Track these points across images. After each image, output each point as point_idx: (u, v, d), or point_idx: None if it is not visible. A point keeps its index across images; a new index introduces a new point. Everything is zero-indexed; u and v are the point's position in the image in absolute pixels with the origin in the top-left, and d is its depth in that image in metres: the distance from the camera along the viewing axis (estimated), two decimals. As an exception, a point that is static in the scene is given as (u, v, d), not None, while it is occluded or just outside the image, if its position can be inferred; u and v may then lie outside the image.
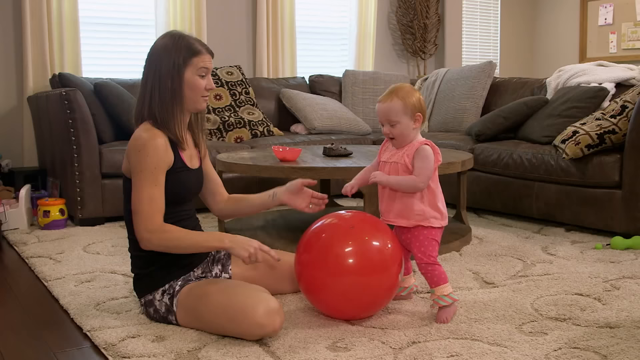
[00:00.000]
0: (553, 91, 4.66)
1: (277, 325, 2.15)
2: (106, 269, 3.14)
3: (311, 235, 2.36)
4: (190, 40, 2.35)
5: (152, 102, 2.33)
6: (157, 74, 2.32)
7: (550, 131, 4.05)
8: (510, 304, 2.53)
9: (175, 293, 2.32)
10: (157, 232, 2.24)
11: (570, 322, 2.33)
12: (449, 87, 5.44)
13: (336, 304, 2.31)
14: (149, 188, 2.25)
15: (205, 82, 2.37)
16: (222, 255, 2.60)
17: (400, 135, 2.35)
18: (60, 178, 4.39)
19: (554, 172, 3.82)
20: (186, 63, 2.32)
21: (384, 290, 2.31)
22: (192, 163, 2.46)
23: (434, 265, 2.35)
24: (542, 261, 3.18)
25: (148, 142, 2.26)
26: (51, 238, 3.84)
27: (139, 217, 2.26)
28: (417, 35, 6.85)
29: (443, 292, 2.34)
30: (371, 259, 2.26)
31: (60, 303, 2.65)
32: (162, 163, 2.28)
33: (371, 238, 2.30)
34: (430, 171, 2.32)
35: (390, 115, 2.34)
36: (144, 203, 2.25)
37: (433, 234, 2.37)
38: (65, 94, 4.12)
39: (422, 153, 2.33)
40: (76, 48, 5.07)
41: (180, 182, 2.36)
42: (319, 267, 2.28)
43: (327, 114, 5.35)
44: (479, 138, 4.48)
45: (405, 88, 2.36)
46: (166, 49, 2.32)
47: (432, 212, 2.37)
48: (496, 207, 4.26)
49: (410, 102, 2.33)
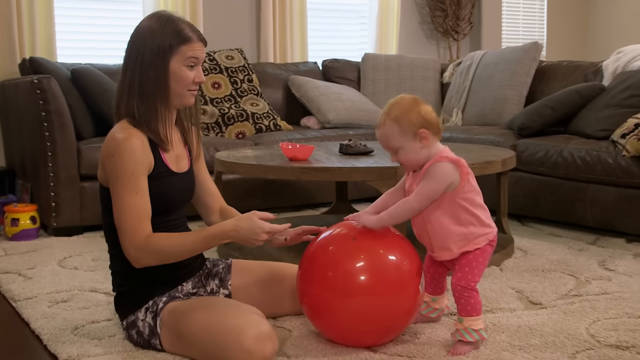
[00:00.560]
0: (611, 76, 4.63)
1: (268, 354, 2.14)
2: (85, 287, 3.14)
3: (317, 247, 2.35)
4: (181, 25, 2.33)
5: (131, 95, 2.33)
6: (139, 61, 2.31)
7: (608, 124, 4.02)
8: (562, 329, 2.51)
9: (158, 311, 2.31)
10: (144, 247, 2.24)
11: (634, 351, 2.31)
12: (486, 73, 5.42)
13: (345, 328, 2.30)
14: (129, 197, 2.25)
15: (194, 74, 2.36)
16: (221, 268, 2.60)
17: (408, 161, 2.33)
18: (31, 180, 4.40)
19: (613, 173, 3.80)
20: (173, 51, 2.30)
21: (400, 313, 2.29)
22: (179, 166, 2.46)
23: (472, 291, 2.32)
24: (598, 278, 3.16)
25: (122, 145, 2.25)
26: (20, 250, 3.84)
27: (122, 233, 2.26)
28: (449, 12, 6.83)
29: (472, 326, 2.31)
30: (386, 276, 2.25)
31: (31, 327, 2.65)
32: (140, 166, 2.27)
33: (385, 251, 2.28)
34: (432, 191, 2.26)
35: (389, 141, 2.32)
36: (126, 216, 2.24)
37: (483, 256, 2.35)
38: (38, 82, 4.13)
39: (430, 171, 2.28)
40: (50, 27, 5.08)
41: (163, 189, 2.35)
42: (324, 286, 2.26)
43: (343, 105, 5.34)
44: (522, 132, 4.46)
45: (399, 105, 2.31)
46: (151, 33, 2.31)
47: (475, 230, 2.34)
48: (543, 213, 4.23)
49: (407, 120, 2.28)
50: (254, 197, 4.65)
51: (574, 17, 8.04)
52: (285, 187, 4.79)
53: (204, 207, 2.65)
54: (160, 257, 2.27)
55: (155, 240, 2.25)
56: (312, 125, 5.36)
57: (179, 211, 2.50)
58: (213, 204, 2.65)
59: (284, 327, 2.55)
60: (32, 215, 4.15)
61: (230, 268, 2.61)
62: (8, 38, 4.91)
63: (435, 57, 6.97)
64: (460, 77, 5.65)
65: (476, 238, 2.33)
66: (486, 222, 2.37)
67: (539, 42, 5.36)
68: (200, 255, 2.58)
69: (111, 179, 2.27)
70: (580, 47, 8.08)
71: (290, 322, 2.59)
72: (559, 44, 7.93)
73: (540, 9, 7.83)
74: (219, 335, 2.15)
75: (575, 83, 4.86)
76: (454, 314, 2.66)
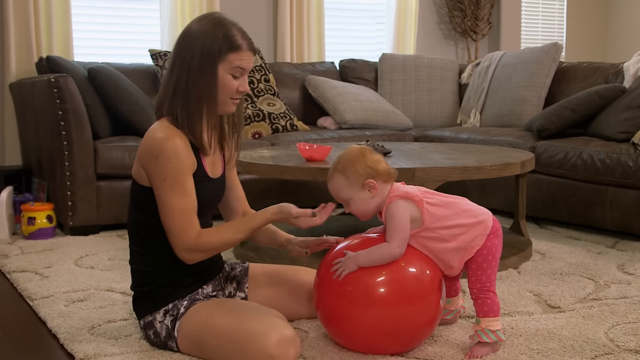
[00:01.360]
0: (632, 78, 4.61)
1: (291, 358, 2.15)
2: (102, 287, 3.16)
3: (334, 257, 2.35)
4: (232, 31, 2.31)
5: (176, 96, 2.31)
6: (187, 62, 2.29)
7: (629, 126, 4.01)
8: (580, 333, 2.51)
9: (179, 315, 2.32)
10: (196, 248, 2.28)
11: (653, 355, 2.31)
12: (505, 74, 5.41)
13: (364, 339, 2.29)
14: (177, 199, 2.25)
15: (238, 84, 2.34)
16: (238, 272, 2.61)
17: (360, 211, 2.34)
18: (48, 179, 4.43)
19: (633, 175, 3.79)
20: (221, 57, 2.28)
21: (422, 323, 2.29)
22: (215, 171, 2.46)
23: (489, 292, 2.33)
24: (618, 281, 3.15)
25: (165, 144, 2.24)
26: (37, 249, 3.87)
27: (172, 235, 2.28)
28: (468, 12, 6.81)
29: (490, 327, 2.31)
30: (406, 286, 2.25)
31: (47, 326, 2.67)
32: (185, 167, 2.27)
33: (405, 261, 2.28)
34: (403, 230, 2.26)
35: (339, 193, 2.35)
36: (175, 218, 2.26)
37: (490, 254, 2.34)
38: (55, 81, 4.15)
39: (387, 213, 2.31)
40: (67, 26, 5.11)
41: (198, 194, 2.34)
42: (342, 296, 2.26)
43: (360, 106, 5.34)
44: (541, 134, 4.45)
45: (345, 156, 2.33)
46: (202, 35, 2.29)
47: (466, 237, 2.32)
48: (562, 216, 4.22)
49: (352, 172, 2.30)
50: (270, 198, 4.66)
51: (594, 17, 8.00)
52: (302, 187, 4.80)
53: (229, 209, 2.64)
54: (211, 253, 2.34)
55: (206, 239, 2.28)
56: (328, 125, 5.37)
57: (207, 214, 2.51)
58: (239, 208, 2.65)
59: (300, 328, 2.56)
60: (48, 214, 4.18)
61: (247, 271, 2.63)
62: (25, 37, 4.93)
63: (454, 57, 6.96)
64: (478, 78, 5.64)
65: (472, 240, 2.32)
66: (473, 221, 2.33)
67: (558, 42, 5.34)
68: (219, 258, 2.60)
69: (155, 181, 2.27)
70: (600, 48, 8.04)
71: (307, 324, 2.60)
72: (578, 44, 7.90)
73: (560, 9, 7.80)
74: (241, 340, 2.15)
75: (595, 84, 4.84)
76: (469, 316, 2.66)
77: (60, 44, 5.08)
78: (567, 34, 7.83)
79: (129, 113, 4.47)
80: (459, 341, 2.44)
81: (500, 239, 2.37)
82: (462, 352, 2.34)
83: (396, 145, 4.08)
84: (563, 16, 7.81)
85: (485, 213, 2.37)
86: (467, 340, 2.43)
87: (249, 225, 2.34)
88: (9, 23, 4.88)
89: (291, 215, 2.32)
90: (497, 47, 7.14)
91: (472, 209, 2.37)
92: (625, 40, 7.87)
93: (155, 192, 2.29)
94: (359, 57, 6.20)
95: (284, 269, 2.68)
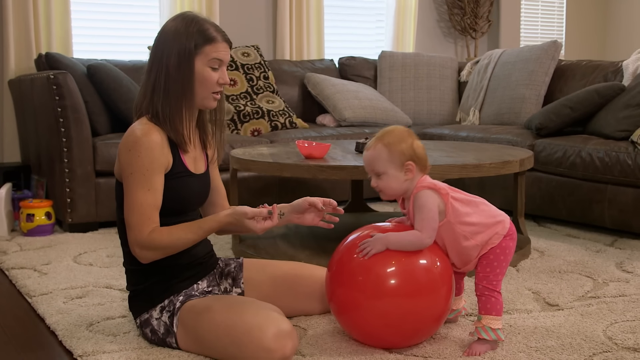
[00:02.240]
0: (631, 76, 4.61)
1: (288, 352, 2.15)
2: (100, 283, 3.16)
3: (345, 249, 2.35)
4: (205, 25, 2.35)
5: (155, 94, 2.34)
6: (164, 61, 2.33)
7: (627, 124, 4.01)
8: (579, 331, 2.51)
9: (175, 311, 2.33)
10: (146, 244, 2.26)
11: (651, 353, 2.31)
12: (504, 72, 5.41)
13: (373, 330, 2.30)
14: (140, 194, 2.26)
15: (218, 76, 2.37)
16: (233, 267, 2.62)
17: (388, 189, 2.34)
18: (46, 176, 4.43)
19: (632, 174, 3.79)
20: (197, 51, 2.32)
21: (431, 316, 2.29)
22: (197, 167, 2.47)
23: (494, 292, 2.33)
24: (616, 280, 3.15)
25: (140, 139, 2.27)
26: (36, 246, 3.87)
27: (128, 229, 2.29)
28: (467, 10, 6.81)
29: (491, 325, 2.31)
30: (416, 279, 2.25)
31: (46, 323, 2.67)
32: (155, 164, 2.28)
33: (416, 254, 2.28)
34: (432, 220, 2.27)
35: (375, 165, 2.34)
36: (134, 212, 2.27)
37: (502, 253, 2.34)
38: (54, 78, 4.15)
39: (416, 203, 2.30)
40: (66, 23, 5.11)
41: (180, 190, 2.36)
42: (354, 287, 2.27)
43: (359, 103, 5.34)
44: (540, 132, 4.45)
45: (394, 133, 2.34)
46: (176, 33, 2.33)
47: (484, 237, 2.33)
48: (560, 214, 4.22)
49: (397, 149, 2.30)
50: (269, 195, 4.66)
51: (593, 15, 8.01)
52: (301, 185, 4.80)
53: (212, 207, 2.64)
54: (163, 252, 2.30)
55: (157, 236, 2.27)
56: (328, 123, 5.37)
57: (193, 212, 2.51)
58: (223, 204, 2.66)
59: (299, 325, 2.56)
60: (47, 211, 4.18)
61: (241, 267, 2.63)
62: (24, 33, 4.93)
63: (453, 55, 6.96)
64: (477, 76, 5.64)
65: (489, 239, 2.33)
66: (492, 221, 2.35)
67: (558, 40, 5.34)
68: (213, 254, 2.60)
69: (125, 173, 2.29)
70: (599, 46, 8.04)
71: (305, 321, 2.60)
72: (578, 42, 7.90)
73: (559, 7, 7.80)
74: (239, 335, 2.16)
75: (594, 83, 4.84)
76: (470, 315, 2.66)
77: (60, 40, 5.09)
78: (566, 32, 7.83)
79: (128, 110, 4.47)
80: (457, 339, 2.44)
81: (515, 242, 2.39)
82: (461, 349, 2.35)
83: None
84: (562, 14, 7.82)
85: (502, 215, 2.39)
86: (466, 338, 2.43)
87: (200, 226, 2.33)
88: (8, 20, 4.88)
89: (246, 215, 2.30)
90: (496, 45, 7.14)
91: (491, 210, 2.38)
92: (625, 39, 7.87)
93: (123, 185, 2.31)
94: (358, 55, 6.20)
95: (280, 264, 2.69)
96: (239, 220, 2.31)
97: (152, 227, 2.27)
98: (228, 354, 2.20)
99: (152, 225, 2.28)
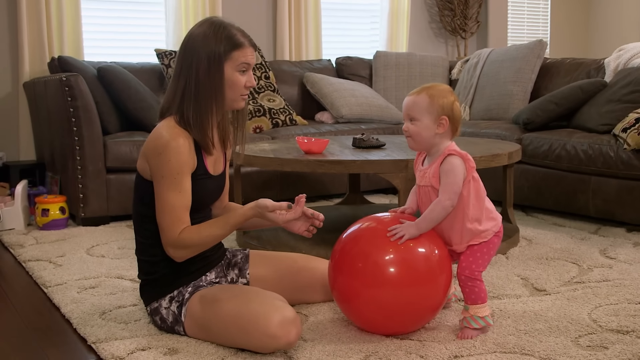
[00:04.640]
0: (612, 73, 4.61)
1: (292, 338, 2.16)
2: (112, 274, 3.16)
3: (347, 240, 2.35)
4: (232, 31, 2.32)
5: (185, 99, 2.30)
6: (194, 66, 2.29)
7: (610, 119, 4.01)
8: (565, 314, 2.51)
9: (184, 301, 2.33)
10: (177, 244, 2.27)
11: (634, 335, 2.31)
12: (492, 70, 5.41)
13: (373, 317, 2.30)
14: (172, 196, 2.26)
15: (246, 79, 2.34)
16: (239, 258, 2.61)
17: (417, 135, 2.32)
18: (60, 173, 4.43)
19: (614, 165, 3.79)
20: (226, 56, 2.29)
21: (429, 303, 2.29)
22: (216, 169, 2.45)
23: (476, 281, 2.32)
24: (600, 265, 3.15)
25: (169, 144, 2.24)
26: (51, 239, 3.87)
27: (161, 231, 2.29)
28: (457, 12, 6.81)
29: (478, 313, 2.31)
30: (416, 267, 2.24)
31: (61, 312, 2.67)
32: (185, 167, 2.27)
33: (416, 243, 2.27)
34: (457, 186, 2.26)
35: (413, 109, 2.32)
36: (165, 214, 2.26)
37: (488, 247, 2.34)
38: (66, 80, 4.15)
39: (445, 167, 2.28)
40: (77, 28, 5.10)
41: (198, 191, 2.35)
42: (355, 276, 2.26)
43: (356, 101, 5.34)
44: (527, 127, 4.45)
45: (440, 87, 2.33)
46: (205, 39, 2.29)
47: (480, 226, 2.33)
48: (547, 204, 4.23)
49: (438, 102, 2.29)
50: (271, 189, 4.67)
51: (576, 15, 8.00)
52: (301, 179, 4.80)
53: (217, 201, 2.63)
54: (194, 250, 2.30)
55: (186, 236, 2.27)
56: (326, 120, 5.36)
57: (206, 209, 2.51)
58: (224, 199, 2.65)
59: (300, 312, 2.56)
60: (61, 206, 4.18)
61: (248, 258, 2.63)
62: (38, 38, 4.93)
63: (444, 54, 6.95)
64: (467, 74, 5.64)
65: (482, 232, 2.33)
66: (491, 216, 2.36)
67: (543, 40, 5.34)
68: (221, 246, 2.60)
69: (156, 176, 2.27)
70: (583, 44, 8.04)
71: (307, 309, 2.61)
72: (562, 41, 7.90)
73: (544, 8, 7.79)
74: (246, 323, 2.16)
75: (578, 79, 4.84)
76: (461, 300, 2.66)
77: (71, 44, 5.08)
78: (551, 31, 7.82)
79: (137, 109, 4.47)
80: (450, 324, 2.45)
81: (500, 242, 2.38)
82: (454, 333, 2.35)
83: (390, 138, 4.08)
84: (547, 15, 7.81)
85: (498, 215, 2.39)
86: (458, 323, 2.43)
87: (227, 221, 2.32)
88: (23, 26, 4.87)
89: (267, 209, 2.29)
90: (485, 45, 7.13)
91: (491, 208, 2.37)
92: (606, 37, 7.86)
93: (154, 187, 2.29)
94: (354, 55, 6.20)
95: (284, 256, 2.68)
96: (261, 214, 2.31)
97: (182, 228, 2.28)
98: (235, 341, 2.21)
99: (183, 225, 2.27)
